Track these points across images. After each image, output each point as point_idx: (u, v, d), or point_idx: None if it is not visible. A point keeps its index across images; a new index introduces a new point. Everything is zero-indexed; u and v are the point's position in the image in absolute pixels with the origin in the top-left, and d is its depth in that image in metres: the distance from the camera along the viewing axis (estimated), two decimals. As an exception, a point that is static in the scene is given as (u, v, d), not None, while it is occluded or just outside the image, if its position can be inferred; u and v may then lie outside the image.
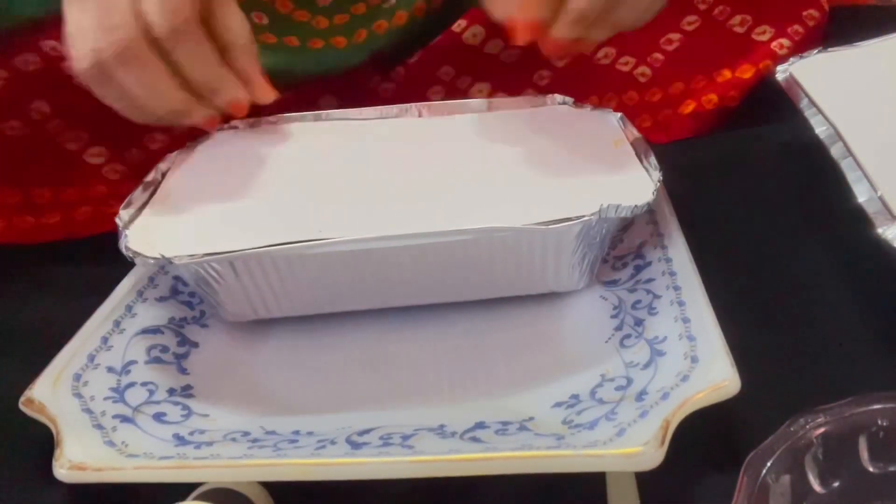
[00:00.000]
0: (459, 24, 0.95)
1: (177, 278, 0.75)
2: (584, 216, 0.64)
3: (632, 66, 1.01)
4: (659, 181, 0.67)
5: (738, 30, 1.00)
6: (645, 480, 0.57)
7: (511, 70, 0.99)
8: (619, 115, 0.79)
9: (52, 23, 0.79)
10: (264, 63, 0.89)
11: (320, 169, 0.76)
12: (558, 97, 0.85)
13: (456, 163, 0.75)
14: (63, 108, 0.85)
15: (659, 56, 0.97)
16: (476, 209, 0.67)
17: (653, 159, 0.70)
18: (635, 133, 0.75)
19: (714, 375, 0.56)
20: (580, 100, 0.85)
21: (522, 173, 0.72)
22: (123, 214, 0.69)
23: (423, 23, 0.94)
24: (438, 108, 0.85)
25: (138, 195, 0.72)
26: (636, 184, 0.68)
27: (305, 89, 0.93)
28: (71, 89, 0.76)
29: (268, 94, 0.76)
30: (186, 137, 0.82)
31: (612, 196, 0.64)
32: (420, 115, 0.85)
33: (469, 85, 0.99)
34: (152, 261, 0.64)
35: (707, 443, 0.57)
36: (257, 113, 0.84)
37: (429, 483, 0.54)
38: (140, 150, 0.92)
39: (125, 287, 0.73)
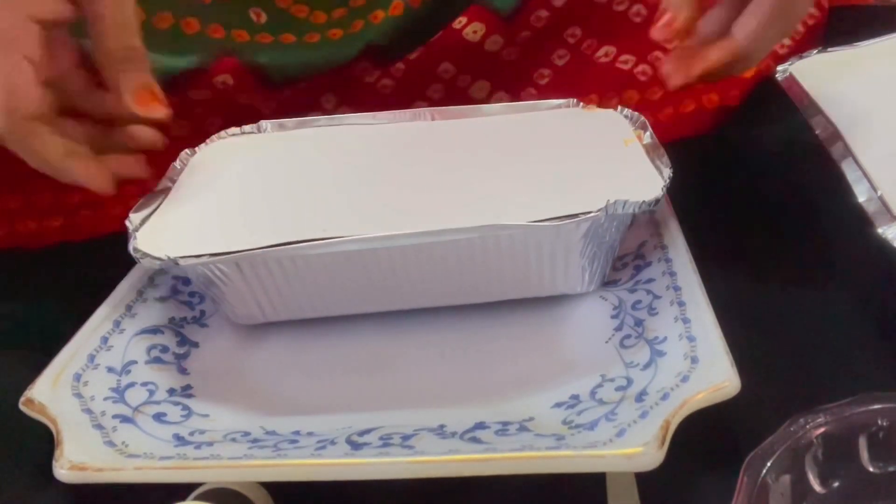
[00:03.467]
0: (460, 21, 0.95)
1: (177, 278, 0.75)
2: (591, 212, 0.64)
3: (632, 65, 1.00)
4: (669, 178, 0.67)
5: None
6: (645, 480, 0.57)
7: (511, 68, 0.99)
8: (639, 116, 0.79)
9: None
10: (259, 60, 0.90)
11: (327, 171, 0.76)
12: (571, 101, 0.85)
13: (464, 164, 0.75)
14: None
15: (659, 55, 0.97)
16: (484, 209, 0.66)
17: (665, 158, 0.70)
18: (652, 136, 0.75)
19: (714, 376, 0.56)
20: (581, 98, 0.85)
21: (531, 173, 0.71)
22: (134, 218, 0.69)
23: (418, 14, 0.94)
24: (450, 112, 0.85)
25: (149, 199, 0.72)
26: (645, 181, 0.68)
27: (304, 87, 0.93)
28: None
29: (154, 110, 0.76)
30: (188, 138, 0.81)
31: (620, 193, 0.64)
32: (433, 119, 0.85)
33: (469, 83, 0.99)
34: (159, 262, 0.64)
35: (707, 443, 0.57)
36: (262, 117, 0.85)
37: (429, 482, 0.54)
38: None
39: (125, 287, 0.73)
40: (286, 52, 0.91)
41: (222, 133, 0.84)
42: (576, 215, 0.63)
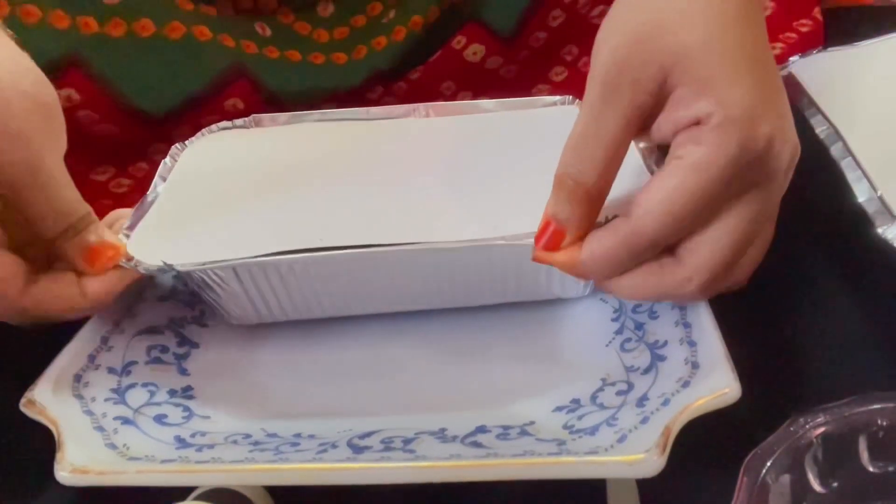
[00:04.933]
0: (459, 41, 0.96)
1: (177, 278, 0.75)
2: None
3: None
4: None
5: None
6: (645, 483, 0.57)
7: (510, 85, 1.00)
8: None
9: (67, 70, 0.80)
10: (267, 80, 0.90)
11: (322, 171, 0.76)
12: (568, 97, 0.84)
13: (462, 167, 0.74)
14: (76, 145, 0.86)
15: None
16: (481, 217, 0.66)
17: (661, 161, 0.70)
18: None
19: (715, 382, 0.56)
20: None
21: (529, 178, 0.70)
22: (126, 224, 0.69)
23: (420, 38, 0.95)
24: (446, 108, 0.85)
25: (142, 206, 0.72)
26: (641, 185, 0.67)
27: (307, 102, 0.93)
28: (81, 126, 0.76)
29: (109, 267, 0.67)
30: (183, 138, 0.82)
31: (616, 201, 0.64)
32: (427, 115, 0.84)
33: (470, 99, 1.00)
34: (155, 269, 0.64)
35: (707, 443, 0.57)
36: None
37: (429, 484, 0.54)
38: (146, 161, 0.92)
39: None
40: (294, 73, 0.92)
41: (213, 127, 0.84)
42: None
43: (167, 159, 0.78)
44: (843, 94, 0.78)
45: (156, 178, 0.76)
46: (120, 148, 0.88)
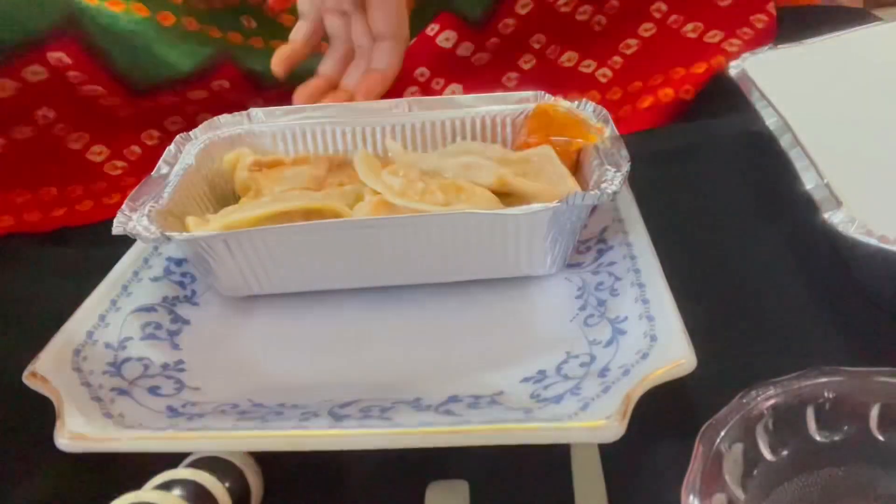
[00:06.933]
0: (432, 28, 0.96)
1: (169, 259, 0.75)
2: (552, 203, 0.64)
3: (593, 69, 1.02)
4: (627, 172, 0.67)
5: (691, 35, 1.01)
6: (607, 449, 0.57)
7: (481, 72, 1.01)
8: (602, 110, 0.79)
9: (56, 35, 0.79)
10: (252, 66, 0.91)
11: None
12: (539, 93, 0.84)
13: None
14: (67, 113, 0.86)
15: (618, 59, 0.98)
16: None
17: (624, 152, 0.70)
18: (613, 129, 0.75)
19: (672, 354, 0.56)
20: None
21: None
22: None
23: None
24: (426, 103, 0.85)
25: (145, 184, 0.73)
26: (605, 174, 0.68)
27: (289, 88, 0.93)
28: (74, 97, 0.76)
29: None
30: (179, 132, 0.81)
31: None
32: (409, 110, 0.84)
33: (443, 87, 1.00)
34: (153, 238, 0.65)
35: (665, 414, 0.57)
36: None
37: (405, 451, 0.54)
38: (138, 146, 0.92)
39: (121, 268, 0.73)
40: None
41: (214, 120, 0.84)
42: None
43: (172, 146, 0.79)
44: (792, 89, 0.79)
45: (160, 163, 0.76)
46: (110, 121, 0.88)
